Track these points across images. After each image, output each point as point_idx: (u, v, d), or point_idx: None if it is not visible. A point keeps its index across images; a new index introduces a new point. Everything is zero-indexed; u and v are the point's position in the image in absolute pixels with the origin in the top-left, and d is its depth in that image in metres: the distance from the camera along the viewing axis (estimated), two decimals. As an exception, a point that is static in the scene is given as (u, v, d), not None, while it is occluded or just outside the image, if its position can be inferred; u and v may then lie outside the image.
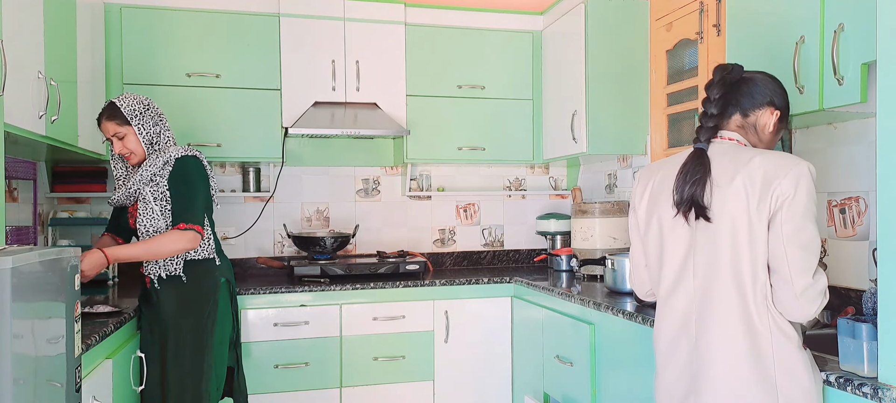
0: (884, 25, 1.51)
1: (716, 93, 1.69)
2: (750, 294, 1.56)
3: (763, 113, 1.71)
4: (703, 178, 1.61)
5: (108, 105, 2.53)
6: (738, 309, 1.58)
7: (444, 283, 3.45)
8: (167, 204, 2.50)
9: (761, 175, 1.55)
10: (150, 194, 2.49)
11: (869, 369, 1.51)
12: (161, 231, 2.49)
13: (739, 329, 1.57)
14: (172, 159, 2.51)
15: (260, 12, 3.45)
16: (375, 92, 3.58)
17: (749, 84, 1.71)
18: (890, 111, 1.48)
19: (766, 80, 1.73)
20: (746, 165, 1.58)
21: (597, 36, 3.38)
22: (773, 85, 1.73)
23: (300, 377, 3.22)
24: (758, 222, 1.55)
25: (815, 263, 1.54)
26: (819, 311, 1.55)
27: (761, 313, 1.56)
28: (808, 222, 1.53)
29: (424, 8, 3.68)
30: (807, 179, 1.54)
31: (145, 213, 2.50)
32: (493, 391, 3.48)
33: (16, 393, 1.39)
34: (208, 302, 2.56)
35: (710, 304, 1.62)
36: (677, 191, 1.66)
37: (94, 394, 2.03)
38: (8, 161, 2.77)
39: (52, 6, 2.34)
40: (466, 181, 4.13)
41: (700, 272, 1.64)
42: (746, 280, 1.57)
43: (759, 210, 1.54)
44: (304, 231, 3.83)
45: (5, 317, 1.37)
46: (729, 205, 1.58)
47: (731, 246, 1.58)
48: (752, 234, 1.55)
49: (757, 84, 1.72)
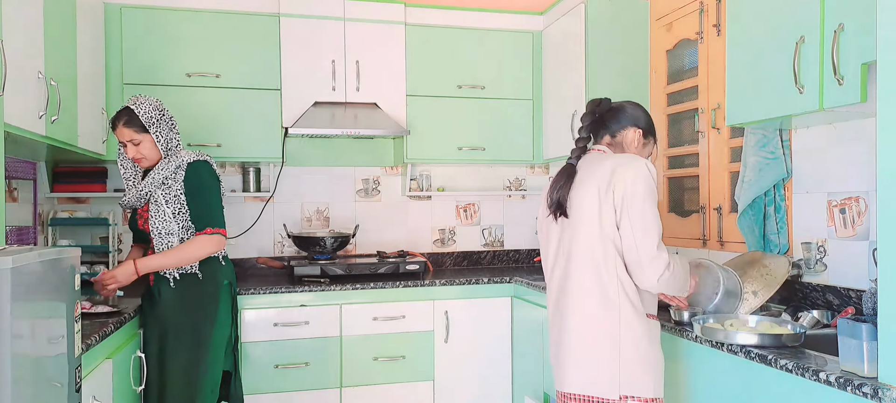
0: (884, 25, 1.51)
1: (586, 121, 2.07)
2: (602, 268, 1.90)
3: (627, 132, 2.08)
4: (566, 184, 2.00)
5: (125, 111, 2.56)
6: (592, 282, 1.92)
7: (444, 283, 3.45)
8: (180, 207, 2.57)
9: (609, 169, 1.91)
10: (162, 197, 2.56)
11: (869, 369, 1.51)
12: (173, 232, 2.56)
13: (593, 298, 1.92)
14: (184, 164, 2.58)
15: (260, 12, 3.45)
16: (375, 92, 3.58)
17: (616, 112, 2.10)
18: (890, 111, 1.48)
19: (631, 107, 2.11)
20: (600, 166, 1.95)
21: (597, 36, 3.38)
22: (637, 111, 2.11)
23: (300, 377, 3.22)
24: (606, 207, 1.89)
25: (656, 236, 1.87)
26: (664, 282, 1.87)
27: (612, 283, 1.89)
28: (648, 204, 1.87)
29: (424, 8, 3.68)
30: (643, 170, 1.88)
31: (158, 215, 2.56)
32: (493, 391, 3.48)
33: (16, 393, 1.39)
34: (210, 302, 2.59)
35: (569, 280, 1.98)
36: (549, 197, 2.07)
37: (94, 394, 2.03)
38: (8, 161, 2.77)
39: (52, 6, 2.34)
40: (466, 181, 4.13)
41: (562, 257, 2.02)
42: (598, 257, 1.91)
43: (606, 197, 1.89)
44: (304, 231, 3.83)
45: (5, 317, 1.37)
46: (585, 201, 1.94)
47: (586, 232, 1.93)
48: (601, 218, 1.90)
49: (623, 111, 2.10)
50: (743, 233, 2.65)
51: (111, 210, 3.49)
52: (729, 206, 2.90)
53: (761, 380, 1.84)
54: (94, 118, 2.93)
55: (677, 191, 3.30)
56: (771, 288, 2.31)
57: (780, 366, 1.74)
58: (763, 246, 2.62)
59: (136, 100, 2.57)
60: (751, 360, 1.85)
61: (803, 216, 2.51)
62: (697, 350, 2.09)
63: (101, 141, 3.06)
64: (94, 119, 2.93)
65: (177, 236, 2.57)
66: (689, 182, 3.21)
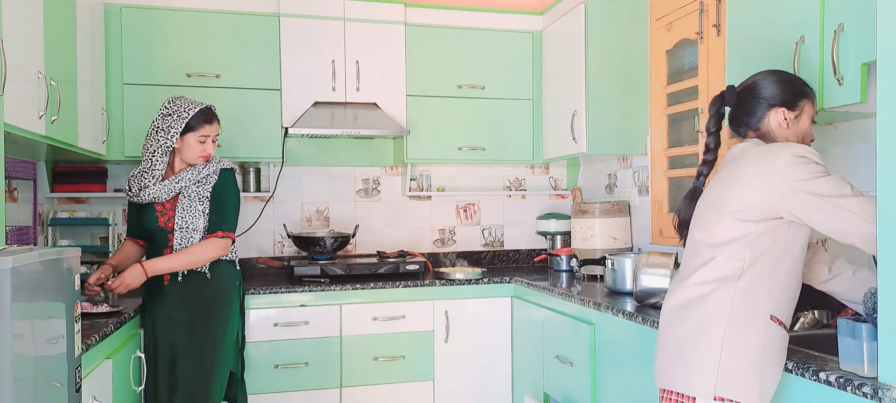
0: (884, 25, 1.51)
1: (713, 127, 1.90)
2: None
3: (768, 117, 1.82)
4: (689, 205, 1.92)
5: (212, 108, 2.71)
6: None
7: (444, 283, 3.45)
8: (208, 206, 2.66)
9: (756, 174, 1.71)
10: (196, 193, 2.64)
11: (869, 369, 1.51)
12: (198, 229, 2.63)
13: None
14: (219, 169, 2.71)
15: (260, 12, 3.45)
16: (375, 92, 3.58)
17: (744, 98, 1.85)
18: (890, 111, 1.48)
19: (761, 82, 1.85)
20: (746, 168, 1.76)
21: (597, 36, 3.38)
22: (769, 85, 1.83)
23: (300, 377, 3.22)
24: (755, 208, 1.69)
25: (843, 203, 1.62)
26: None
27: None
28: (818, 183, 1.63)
29: (424, 8, 3.68)
30: (789, 156, 1.66)
31: (189, 210, 2.62)
32: (493, 391, 3.48)
33: (16, 393, 1.39)
34: (224, 302, 2.65)
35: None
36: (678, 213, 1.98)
37: (94, 394, 2.03)
38: (8, 161, 2.77)
39: (52, 6, 2.34)
40: (466, 181, 4.13)
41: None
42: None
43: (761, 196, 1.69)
44: (304, 231, 3.83)
45: (5, 317, 1.37)
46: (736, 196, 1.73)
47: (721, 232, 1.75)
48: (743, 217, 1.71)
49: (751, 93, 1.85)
50: (743, 233, 2.64)
51: (111, 210, 3.49)
52: (729, 206, 2.90)
53: (761, 380, 1.83)
54: (94, 118, 2.93)
55: (677, 191, 3.30)
56: (771, 288, 2.30)
57: (780, 366, 1.73)
58: (763, 246, 2.61)
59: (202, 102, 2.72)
60: (751, 360, 1.85)
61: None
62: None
63: (101, 141, 3.06)
64: (94, 119, 2.93)
65: (200, 234, 2.63)
66: (689, 182, 3.20)
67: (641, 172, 3.52)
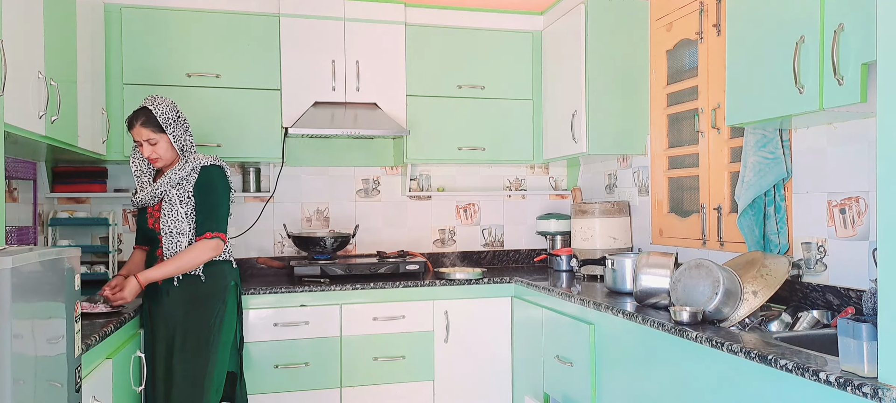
0: (884, 25, 1.51)
1: None
2: None
3: None
4: None
5: (143, 110, 2.60)
6: None
7: (444, 283, 3.45)
8: (192, 209, 2.61)
9: None
10: (177, 197, 2.60)
11: (869, 369, 1.51)
12: (184, 232, 2.59)
13: None
14: (199, 167, 2.62)
15: (260, 12, 3.45)
16: (375, 92, 3.58)
17: None
18: (890, 111, 1.48)
19: None
20: None
21: (597, 36, 3.38)
22: None
23: (300, 377, 3.22)
24: None
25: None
26: None
27: None
28: None
29: (424, 8, 3.68)
30: None
31: (171, 214, 2.59)
32: (493, 391, 3.48)
33: (16, 393, 1.39)
34: (219, 302, 2.63)
35: None
36: None
37: (94, 394, 2.03)
38: (8, 161, 2.77)
39: (52, 6, 2.34)
40: (466, 181, 4.13)
41: None
42: None
43: None
44: (304, 231, 3.83)
45: (5, 317, 1.37)
46: None
47: None
48: None
49: None
50: (743, 233, 2.65)
51: (111, 210, 3.49)
52: (729, 206, 2.90)
53: (761, 380, 1.84)
54: (94, 118, 2.93)
55: (677, 192, 3.30)
56: (771, 289, 2.31)
57: (780, 366, 1.74)
58: (763, 246, 2.62)
59: (154, 101, 2.61)
60: (751, 360, 1.85)
61: (803, 216, 2.51)
62: (697, 351, 2.09)
63: (101, 141, 3.06)
64: (94, 119, 2.93)
65: (187, 237, 2.60)
66: (689, 182, 3.21)
67: (641, 172, 3.52)
